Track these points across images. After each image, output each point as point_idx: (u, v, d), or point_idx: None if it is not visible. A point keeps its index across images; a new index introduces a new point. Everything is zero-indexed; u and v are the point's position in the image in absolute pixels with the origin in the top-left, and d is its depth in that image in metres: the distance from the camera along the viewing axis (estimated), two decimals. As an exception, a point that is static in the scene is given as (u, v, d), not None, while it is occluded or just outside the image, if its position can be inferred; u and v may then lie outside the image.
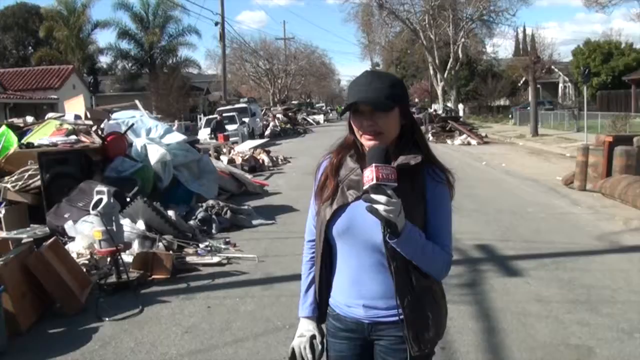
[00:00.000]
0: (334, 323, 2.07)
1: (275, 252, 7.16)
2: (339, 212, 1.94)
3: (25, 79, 32.29)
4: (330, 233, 1.98)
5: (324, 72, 63.26)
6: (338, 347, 2.07)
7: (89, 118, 10.48)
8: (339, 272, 2.02)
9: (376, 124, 1.86)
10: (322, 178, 2.05)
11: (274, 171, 16.43)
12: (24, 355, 4.47)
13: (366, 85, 1.88)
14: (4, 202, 8.15)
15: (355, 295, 1.96)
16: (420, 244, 1.82)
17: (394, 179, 1.71)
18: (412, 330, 1.88)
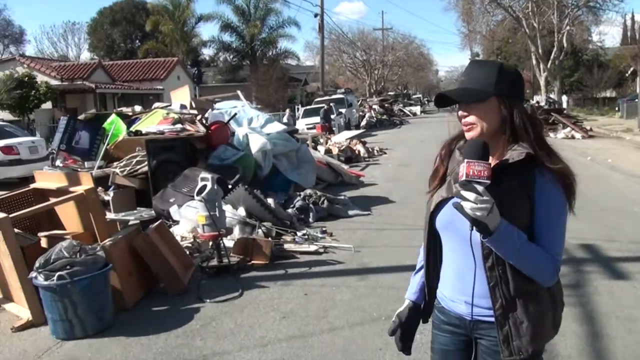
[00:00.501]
0: (438, 315, 2.05)
1: (371, 243, 7.15)
2: (443, 204, 1.90)
3: (132, 71, 34.04)
4: (434, 225, 1.95)
5: (422, 63, 62.28)
6: (442, 339, 2.04)
7: (194, 108, 10.89)
8: (444, 264, 1.99)
9: (469, 114, 1.81)
10: (435, 166, 2.02)
11: (370, 162, 16.39)
12: (129, 329, 4.73)
13: (465, 76, 1.84)
14: (112, 186, 8.65)
15: (458, 290, 1.92)
16: (516, 246, 1.72)
17: (486, 176, 1.63)
18: (502, 333, 1.81)
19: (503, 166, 1.76)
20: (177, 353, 4.23)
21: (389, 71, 57.78)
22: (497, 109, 1.81)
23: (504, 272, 1.79)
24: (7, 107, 23.31)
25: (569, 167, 1.84)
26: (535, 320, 1.81)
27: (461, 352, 2.00)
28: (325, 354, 4.09)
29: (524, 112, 1.87)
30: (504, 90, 1.81)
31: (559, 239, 1.82)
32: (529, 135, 1.83)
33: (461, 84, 1.83)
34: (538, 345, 1.85)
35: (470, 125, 1.81)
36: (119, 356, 4.24)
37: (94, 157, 9.66)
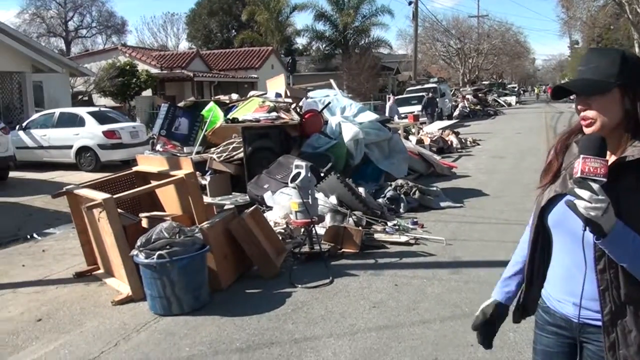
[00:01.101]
0: (543, 315, 1.95)
1: (463, 236, 7.01)
2: (556, 200, 1.80)
3: (228, 60, 34.95)
4: (545, 221, 1.85)
5: (518, 51, 59.87)
6: (545, 341, 1.95)
7: (289, 96, 11.04)
8: (553, 263, 1.89)
9: (589, 107, 1.69)
10: (548, 160, 1.92)
11: (463, 153, 16.03)
12: (224, 309, 4.90)
13: (584, 65, 1.72)
14: (209, 171, 8.94)
15: (566, 291, 1.82)
16: (631, 249, 1.60)
17: (602, 173, 1.53)
18: (608, 340, 1.71)
19: (622, 164, 1.65)
20: (269, 335, 4.33)
21: (484, 60, 56.06)
22: (620, 101, 1.69)
23: (616, 276, 1.68)
24: (109, 94, 24.64)
25: None
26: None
27: (565, 355, 1.91)
28: (416, 347, 4.05)
29: None
30: (628, 80, 1.68)
31: None
32: None
33: (580, 75, 1.72)
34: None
35: (590, 120, 1.70)
36: (213, 334, 4.39)
37: (192, 142, 10.02)
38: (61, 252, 7.23)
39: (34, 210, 9.73)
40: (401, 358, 3.89)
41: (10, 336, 4.62)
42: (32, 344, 4.44)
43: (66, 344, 4.39)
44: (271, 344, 4.18)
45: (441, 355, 3.90)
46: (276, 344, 4.17)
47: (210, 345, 4.22)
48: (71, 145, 14.28)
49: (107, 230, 5.34)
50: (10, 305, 5.38)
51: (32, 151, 14.69)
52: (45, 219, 9.18)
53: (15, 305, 5.37)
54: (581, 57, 1.80)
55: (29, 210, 9.77)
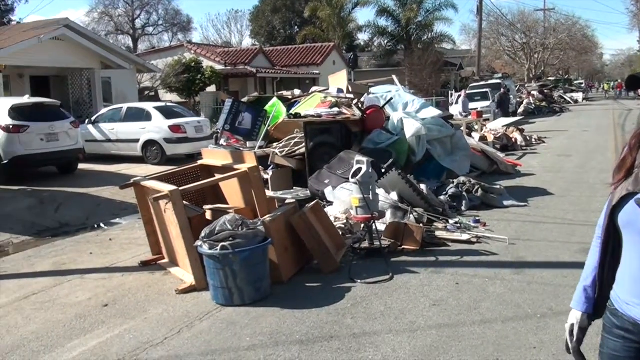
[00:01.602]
0: (610, 318, 1.89)
1: (527, 236, 6.85)
2: (628, 198, 1.74)
3: (290, 56, 35.23)
4: (615, 221, 1.80)
5: (586, 46, 57.67)
6: (612, 345, 1.89)
7: (351, 92, 11.04)
8: (623, 264, 1.83)
9: None
10: (622, 156, 1.86)
11: (527, 151, 15.63)
12: (284, 302, 4.97)
13: None
14: (272, 165, 9.06)
15: (636, 293, 1.77)
16: None
17: None
18: None
19: None
20: (328, 329, 4.36)
21: (550, 55, 54.35)
22: None
23: None
24: (175, 90, 25.28)
25: None
26: None
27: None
28: (477, 346, 3.99)
29: None
30: None
31: None
32: None
33: None
34: None
35: None
36: (274, 326, 4.46)
37: (255, 137, 10.17)
38: (127, 242, 7.49)
39: (102, 201, 10.11)
40: (462, 357, 3.85)
41: (77, 320, 4.84)
42: (99, 328, 4.63)
43: (131, 329, 4.56)
44: (330, 338, 4.21)
45: (503, 356, 3.84)
46: (335, 338, 4.20)
47: (270, 336, 4.29)
48: (138, 139, 14.74)
49: (172, 221, 5.50)
50: (78, 290, 5.63)
51: (100, 144, 15.26)
52: (113, 209, 9.53)
53: (83, 291, 5.62)
54: None
55: (97, 200, 10.16)
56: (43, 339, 4.48)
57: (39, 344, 4.38)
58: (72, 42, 17.73)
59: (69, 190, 10.80)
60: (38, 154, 11.59)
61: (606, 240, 1.86)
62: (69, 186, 11.15)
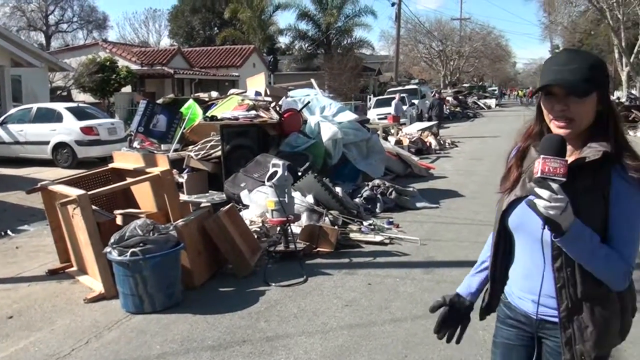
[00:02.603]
0: (504, 310, 2.03)
1: (437, 236, 7.07)
2: (516, 203, 1.86)
3: (210, 58, 34.81)
4: (506, 224, 1.92)
5: (499, 55, 60.28)
6: (505, 334, 2.02)
7: (269, 95, 11.04)
8: (515, 262, 1.96)
9: (569, 109, 1.71)
10: (508, 166, 1.98)
11: (441, 155, 16.17)
12: (196, 307, 4.89)
13: (563, 65, 1.72)
14: (187, 169, 8.92)
15: (527, 289, 1.89)
16: (588, 247, 1.66)
17: (562, 173, 1.57)
18: (565, 335, 1.77)
19: (580, 164, 1.69)
20: (241, 333, 4.34)
21: (465, 62, 56.43)
22: (595, 104, 1.73)
23: (573, 273, 1.74)
24: (88, 90, 24.41)
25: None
26: (600, 325, 1.75)
27: (524, 348, 1.98)
28: (387, 345, 4.09)
29: (614, 107, 1.80)
30: (603, 84, 1.74)
31: (633, 241, 1.74)
32: (610, 132, 1.76)
33: (557, 74, 1.72)
34: (602, 350, 1.78)
35: (568, 121, 1.72)
36: (185, 332, 4.39)
37: (170, 140, 9.97)
38: (35, 250, 7.16)
39: (8, 206, 9.62)
40: (372, 356, 3.93)
41: (-21, 333, 4.58)
42: (2, 342, 4.40)
43: (37, 342, 4.36)
44: (243, 342, 4.19)
45: (411, 353, 3.95)
46: (248, 342, 4.19)
47: (181, 343, 4.22)
48: (48, 141, 14.16)
49: (80, 227, 5.30)
50: (-20, 302, 5.33)
51: (8, 147, 14.54)
52: (20, 216, 9.08)
53: (-15, 302, 5.32)
54: (555, 56, 1.81)
55: (3, 206, 9.66)
56: (-64, 353, 4.22)
57: None
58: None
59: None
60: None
61: (497, 243, 1.98)
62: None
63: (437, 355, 3.92)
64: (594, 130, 1.76)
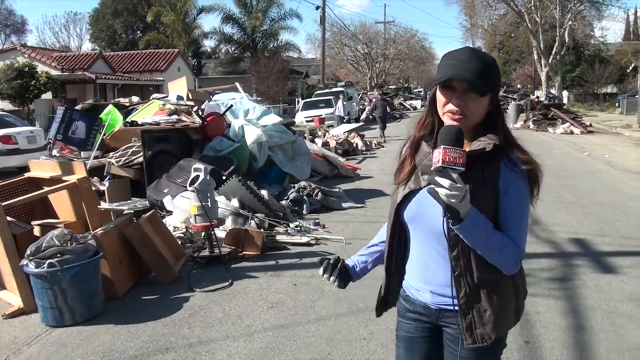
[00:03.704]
0: (403, 304, 2.09)
1: (362, 235, 7.19)
2: (410, 196, 1.92)
3: (133, 62, 34.06)
4: (401, 216, 1.96)
5: (423, 57, 61.88)
6: (406, 327, 2.08)
7: (191, 99, 10.91)
8: (411, 255, 2.02)
9: (466, 104, 1.78)
10: (401, 159, 2.03)
11: (367, 155, 16.42)
12: (118, 317, 4.79)
13: (466, 63, 1.78)
14: (108, 176, 8.71)
15: (424, 280, 1.96)
16: (484, 234, 1.75)
17: (461, 163, 1.64)
18: (465, 321, 1.86)
19: (471, 156, 1.77)
20: (164, 341, 4.28)
21: (391, 65, 57.59)
22: (487, 104, 1.83)
23: (469, 262, 1.83)
24: (7, 96, 23.36)
25: (535, 158, 1.87)
26: (498, 308, 1.86)
27: (425, 340, 2.04)
28: (310, 344, 4.14)
29: (501, 108, 1.91)
30: (495, 87, 1.84)
31: (522, 228, 1.85)
32: (499, 129, 1.86)
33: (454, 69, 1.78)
34: (501, 332, 1.90)
35: (461, 116, 1.79)
36: (107, 343, 4.29)
37: (90, 147, 9.70)
38: (-55, 265, 6.80)
39: None
40: (296, 356, 3.96)
41: None
42: None
43: (-54, 361, 4.16)
44: (166, 350, 4.14)
45: (334, 351, 4.01)
46: (171, 350, 4.14)
47: (103, 355, 4.12)
48: (-37, 151, 13.48)
49: (-6, 240, 5.09)
50: None
51: None
52: None
53: None
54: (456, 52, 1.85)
55: None
56: None
57: None
58: None
59: None
60: None
61: (392, 236, 2.03)
62: None
63: (359, 351, 4.00)
64: (482, 127, 1.85)
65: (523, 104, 27.77)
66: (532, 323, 4.32)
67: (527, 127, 23.79)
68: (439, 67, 1.87)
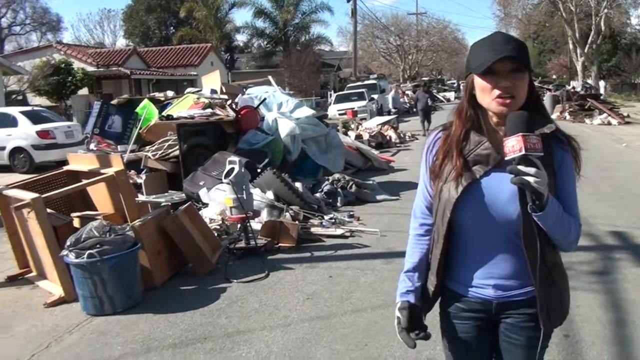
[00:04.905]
0: (456, 305, 1.97)
1: (397, 227, 7.16)
2: (468, 190, 1.82)
3: (167, 57, 34.42)
4: (458, 213, 1.86)
5: (456, 48, 61.03)
6: (462, 328, 1.98)
7: (225, 92, 10.98)
8: (465, 252, 1.92)
9: (513, 85, 1.73)
10: (440, 156, 1.92)
11: (401, 148, 16.33)
12: (157, 307, 4.87)
13: (504, 45, 1.74)
14: (145, 169, 8.83)
15: (485, 275, 1.88)
16: (559, 216, 1.72)
17: (540, 148, 1.61)
18: (545, 306, 1.82)
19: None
20: (202, 330, 4.33)
21: (423, 56, 57.01)
22: (528, 81, 1.78)
23: (542, 247, 1.76)
24: (44, 93, 23.82)
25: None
26: (566, 287, 1.92)
27: (484, 336, 1.98)
28: (347, 335, 4.13)
29: (535, 87, 1.87)
30: (529, 63, 1.80)
31: (576, 204, 1.85)
32: (540, 108, 1.85)
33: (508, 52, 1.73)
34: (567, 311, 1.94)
35: (511, 98, 1.74)
36: (146, 332, 4.36)
37: (126, 140, 9.85)
38: (-9, 256, 7.00)
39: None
40: (333, 346, 3.96)
41: None
42: (-43, 350, 4.31)
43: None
44: (204, 339, 4.18)
45: (371, 342, 4.00)
46: (209, 339, 4.18)
47: (142, 343, 4.19)
48: (4, 146, 13.89)
49: (36, 231, 5.21)
50: None
51: (-36, 154, 14.14)
52: (-26, 223, 8.85)
53: (-59, 311, 5.19)
54: (490, 38, 1.83)
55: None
56: None
57: None
58: None
59: None
60: None
61: (448, 234, 1.91)
62: None
63: (396, 343, 3.96)
64: (524, 109, 1.77)
65: (559, 94, 27.19)
66: (571, 317, 4.23)
67: (563, 118, 23.31)
68: (472, 56, 1.83)
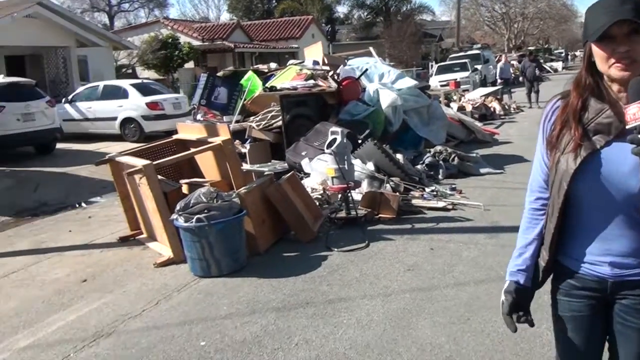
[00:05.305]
0: (569, 281, 1.88)
1: (501, 201, 6.95)
2: (587, 160, 1.72)
3: (269, 30, 34.95)
4: (575, 185, 1.76)
5: (565, 15, 57.55)
6: (574, 306, 1.89)
7: (326, 64, 11.02)
8: (581, 227, 1.82)
9: (633, 49, 1.61)
10: (558, 125, 1.82)
11: (506, 120, 15.77)
12: (261, 271, 5.03)
13: (620, 6, 1.61)
14: (249, 139, 9.06)
15: (601, 252, 1.77)
16: None
17: None
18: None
19: None
20: (304, 296, 4.42)
21: (530, 24, 54.30)
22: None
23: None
24: (152, 66, 24.97)
25: None
26: None
27: (596, 316, 1.88)
28: (449, 307, 4.08)
29: None
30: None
31: None
32: None
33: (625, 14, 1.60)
34: None
35: (631, 62, 1.62)
36: (250, 295, 4.51)
37: (231, 111, 10.15)
38: (106, 219, 7.49)
39: (80, 180, 10.06)
40: (434, 318, 3.93)
41: (56, 295, 4.87)
42: (77, 303, 4.66)
43: (109, 303, 4.59)
44: (306, 304, 4.27)
45: (473, 317, 3.92)
46: (311, 304, 4.27)
47: (247, 304, 4.35)
48: (116, 117, 14.65)
49: (148, 196, 5.50)
50: (57, 267, 5.65)
51: (78, 123, 15.10)
52: (91, 188, 9.50)
53: (62, 267, 5.63)
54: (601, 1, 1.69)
55: (75, 179, 10.11)
56: (22, 315, 4.50)
57: (19, 320, 4.40)
58: (46, 20, 17.40)
59: (47, 170, 10.73)
60: (15, 135, 11.43)
61: (564, 207, 1.82)
62: (47, 166, 11.07)
63: (500, 319, 3.85)
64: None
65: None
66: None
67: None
68: (587, 21, 1.71)
